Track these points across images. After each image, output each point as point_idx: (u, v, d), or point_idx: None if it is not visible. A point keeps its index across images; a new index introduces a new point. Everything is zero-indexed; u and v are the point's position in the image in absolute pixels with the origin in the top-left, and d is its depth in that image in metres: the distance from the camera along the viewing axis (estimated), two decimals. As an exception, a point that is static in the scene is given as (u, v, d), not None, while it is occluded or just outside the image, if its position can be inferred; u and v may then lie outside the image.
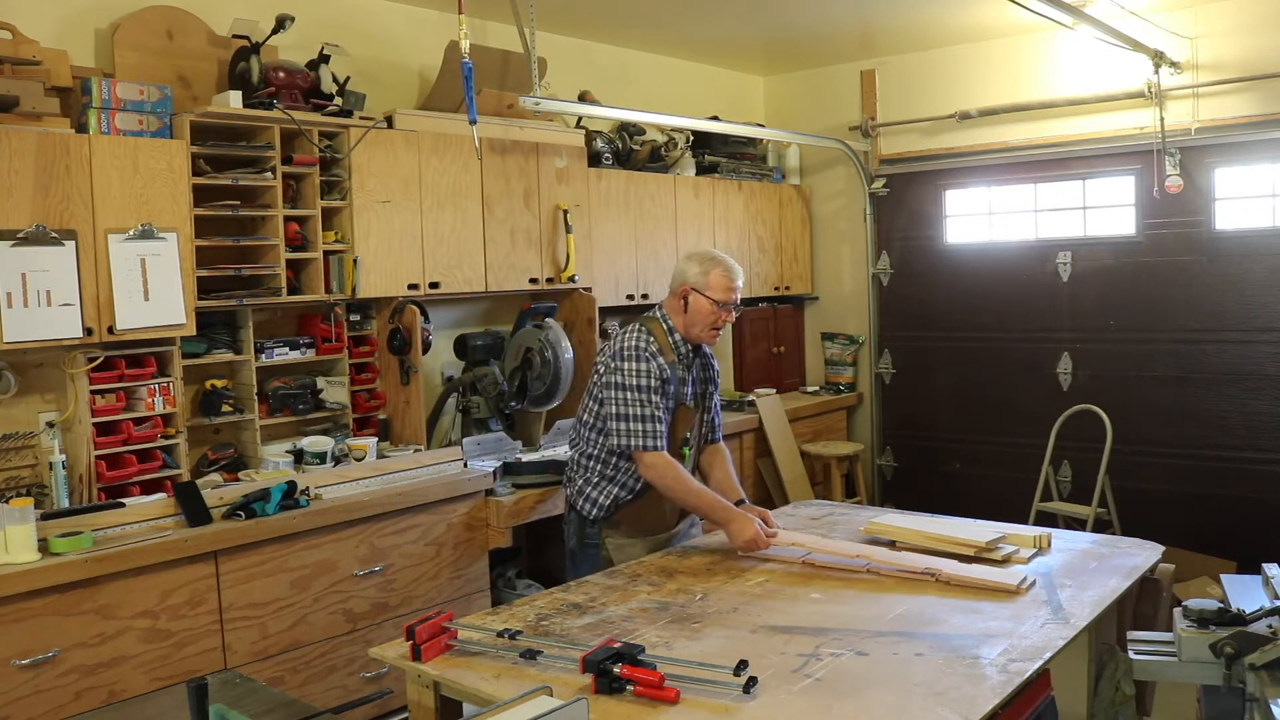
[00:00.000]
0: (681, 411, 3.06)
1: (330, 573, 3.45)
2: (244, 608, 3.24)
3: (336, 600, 3.47)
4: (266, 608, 3.29)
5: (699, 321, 3.03)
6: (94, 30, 3.61)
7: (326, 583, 3.44)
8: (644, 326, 3.04)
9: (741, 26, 5.31)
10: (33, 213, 3.09)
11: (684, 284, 3.03)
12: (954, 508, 4.10)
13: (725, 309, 3.03)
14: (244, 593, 3.23)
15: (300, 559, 3.36)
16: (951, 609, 2.47)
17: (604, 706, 1.96)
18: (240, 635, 3.22)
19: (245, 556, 3.23)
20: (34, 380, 3.29)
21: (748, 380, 5.93)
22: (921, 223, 6.08)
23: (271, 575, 3.30)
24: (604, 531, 3.05)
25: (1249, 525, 4.98)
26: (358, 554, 3.52)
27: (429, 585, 3.72)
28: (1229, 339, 5.06)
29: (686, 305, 3.03)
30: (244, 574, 3.23)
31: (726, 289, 3.01)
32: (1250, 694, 2.20)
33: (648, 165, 5.32)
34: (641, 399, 2.92)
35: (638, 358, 2.95)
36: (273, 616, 3.31)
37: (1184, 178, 5.07)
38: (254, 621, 3.26)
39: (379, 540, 3.57)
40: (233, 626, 3.20)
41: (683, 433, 3.09)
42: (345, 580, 3.49)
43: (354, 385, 4.09)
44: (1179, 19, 5.02)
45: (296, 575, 3.36)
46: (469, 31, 3.48)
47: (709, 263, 3.04)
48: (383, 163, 3.96)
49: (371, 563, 3.55)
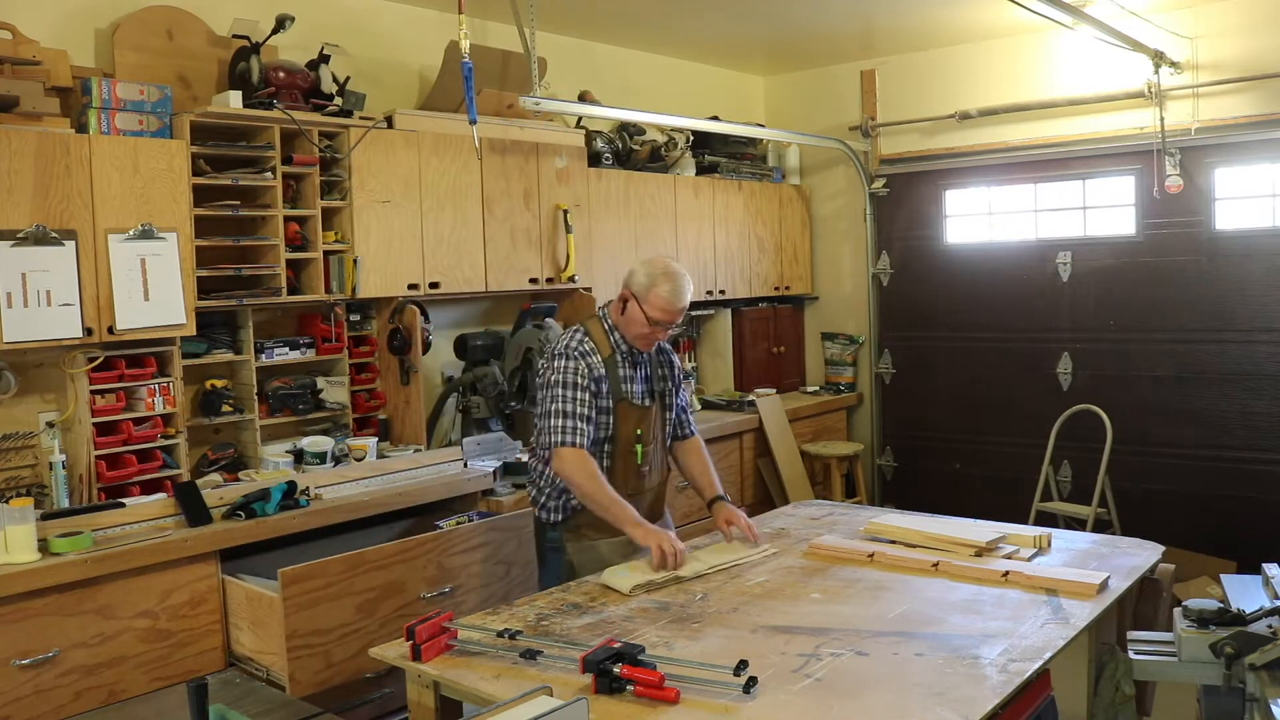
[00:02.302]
0: (625, 409, 2.99)
1: (400, 594, 3.19)
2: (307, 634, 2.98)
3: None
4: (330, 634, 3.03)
5: (631, 329, 2.98)
6: (94, 30, 3.61)
7: (394, 604, 3.17)
8: (583, 326, 3.03)
9: (741, 26, 5.31)
10: (33, 213, 3.09)
11: (627, 287, 2.98)
12: (954, 508, 4.10)
13: (659, 327, 2.96)
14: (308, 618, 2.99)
15: (367, 581, 3.10)
16: (951, 609, 2.47)
17: (604, 706, 1.96)
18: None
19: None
20: (34, 380, 3.29)
21: (748, 380, 5.93)
22: (921, 223, 6.08)
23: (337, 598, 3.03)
24: (565, 535, 3.01)
25: (1249, 525, 4.98)
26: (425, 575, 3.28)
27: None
28: (1229, 339, 5.06)
29: (625, 309, 2.99)
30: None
31: (664, 310, 2.93)
32: (1250, 694, 2.20)
33: (648, 165, 5.32)
34: (565, 395, 2.87)
35: (567, 356, 2.92)
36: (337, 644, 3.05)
37: (1184, 178, 5.07)
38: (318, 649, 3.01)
39: (448, 560, 3.34)
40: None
41: (631, 430, 3.01)
42: (413, 603, 3.22)
43: (354, 385, 4.09)
44: (1179, 19, 5.01)
45: (363, 600, 3.09)
46: (469, 31, 3.49)
47: (658, 278, 2.94)
48: (383, 163, 3.96)
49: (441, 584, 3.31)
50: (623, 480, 3.00)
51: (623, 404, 3.00)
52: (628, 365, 3.03)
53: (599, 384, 2.94)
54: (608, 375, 2.97)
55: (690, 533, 3.43)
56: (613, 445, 2.99)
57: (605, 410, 2.96)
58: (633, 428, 3.02)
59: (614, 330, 3.02)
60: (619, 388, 2.99)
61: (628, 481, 3.02)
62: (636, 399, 3.04)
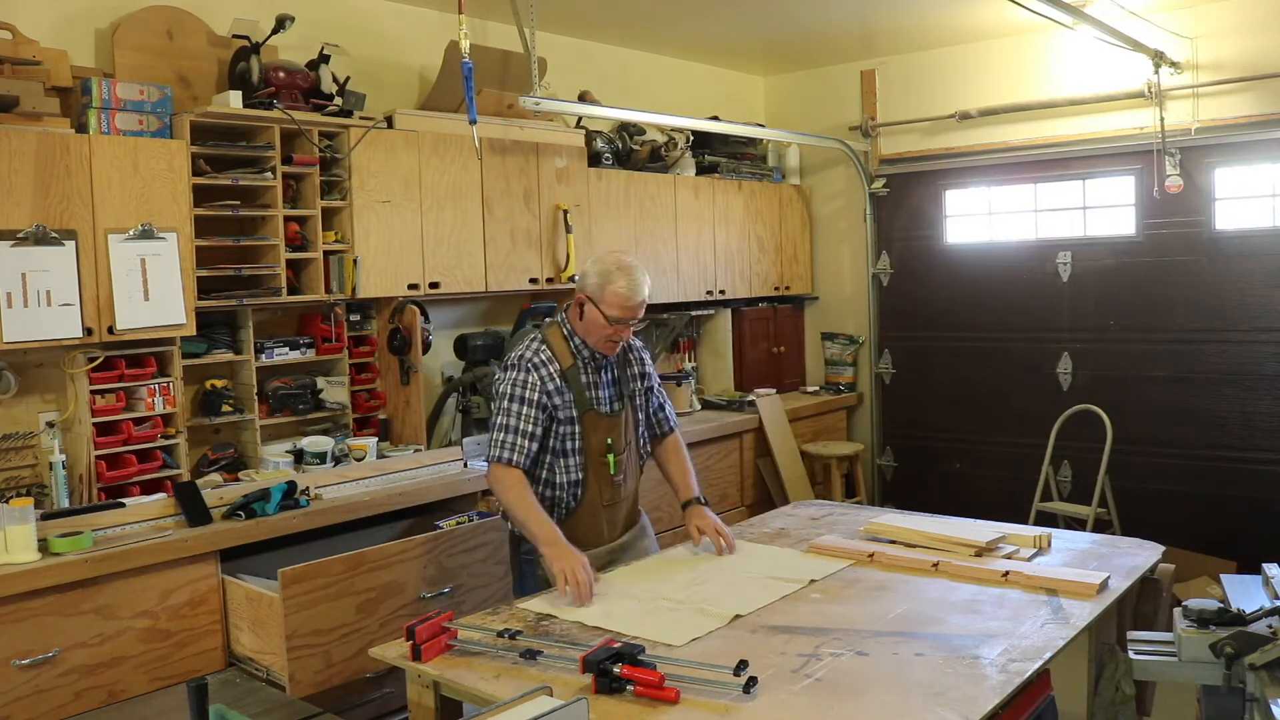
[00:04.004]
0: (592, 419, 2.87)
1: (399, 594, 3.20)
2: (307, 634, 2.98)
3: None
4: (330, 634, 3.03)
5: (592, 334, 2.86)
6: (94, 30, 3.61)
7: (394, 604, 3.18)
8: (541, 335, 2.92)
9: (741, 26, 5.31)
10: (33, 213, 3.09)
11: (581, 291, 2.86)
12: (954, 508, 4.10)
13: (620, 325, 2.83)
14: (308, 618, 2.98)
15: (367, 581, 3.10)
16: (951, 609, 2.47)
17: (604, 706, 1.96)
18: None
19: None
20: (34, 380, 3.29)
21: (748, 380, 5.93)
22: (921, 223, 6.08)
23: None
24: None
25: (1249, 525, 4.98)
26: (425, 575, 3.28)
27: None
28: (1229, 339, 5.06)
29: (582, 313, 2.86)
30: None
31: (622, 307, 2.80)
32: (1250, 694, 2.20)
33: (648, 165, 5.32)
34: (511, 409, 2.78)
35: (519, 367, 2.83)
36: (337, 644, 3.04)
37: (1184, 178, 5.07)
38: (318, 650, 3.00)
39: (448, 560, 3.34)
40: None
41: (602, 440, 2.89)
42: (412, 603, 3.22)
43: (354, 385, 4.08)
44: (1179, 19, 5.01)
45: (363, 600, 3.10)
46: (469, 31, 3.49)
47: (611, 274, 2.80)
48: (383, 163, 3.96)
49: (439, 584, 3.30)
50: (597, 493, 2.91)
51: (590, 414, 2.87)
52: (591, 372, 2.91)
53: (554, 396, 2.82)
54: (569, 386, 2.85)
55: (690, 533, 3.41)
56: (583, 457, 2.87)
57: (570, 421, 2.85)
58: (603, 437, 2.89)
59: (573, 336, 2.90)
60: (583, 397, 2.86)
61: (602, 493, 2.92)
62: (604, 407, 2.91)
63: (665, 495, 4.86)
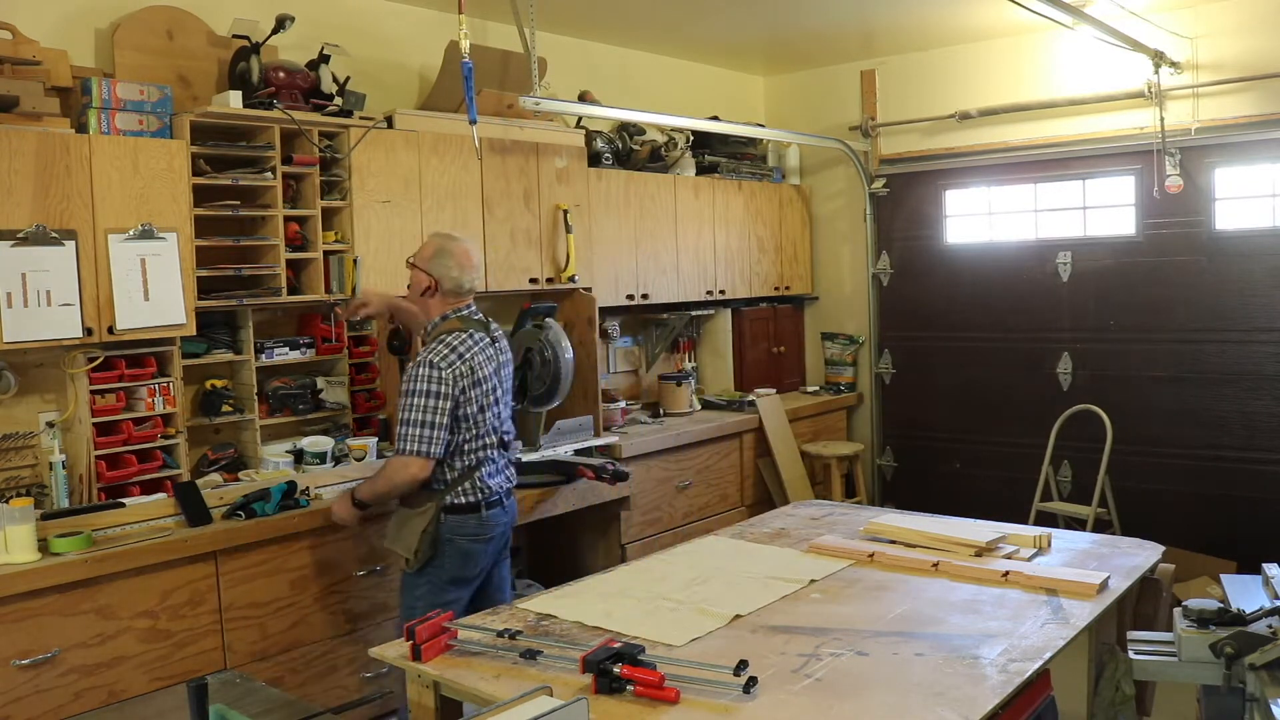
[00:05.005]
0: None
1: (331, 572, 3.46)
2: (244, 607, 3.24)
3: (336, 601, 3.47)
4: (266, 607, 3.29)
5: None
6: (94, 30, 3.61)
7: (326, 583, 3.45)
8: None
9: (741, 26, 5.31)
10: (33, 213, 3.09)
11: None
12: (954, 508, 4.10)
13: None
14: (245, 593, 3.23)
15: (300, 559, 3.37)
16: (951, 609, 2.47)
17: (604, 706, 1.96)
18: (240, 635, 3.23)
19: (246, 556, 3.23)
20: (34, 380, 3.28)
21: (748, 380, 5.93)
22: (921, 223, 6.08)
23: (272, 575, 3.30)
24: None
25: (1249, 525, 4.98)
26: (358, 554, 3.52)
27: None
28: (1229, 339, 5.06)
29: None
30: (244, 574, 3.23)
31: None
32: (1250, 694, 2.20)
33: (648, 165, 5.32)
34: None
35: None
36: (273, 616, 3.31)
37: (1184, 178, 5.07)
38: (254, 621, 3.26)
39: (379, 542, 3.56)
40: (233, 626, 3.21)
41: None
42: (346, 580, 3.49)
43: (354, 385, 4.08)
44: (1179, 19, 5.02)
45: (296, 575, 3.37)
46: (469, 31, 3.49)
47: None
48: (383, 163, 3.96)
49: (371, 563, 3.55)
50: None
51: None
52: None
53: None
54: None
55: (690, 533, 3.43)
56: None
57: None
58: None
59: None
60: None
61: None
62: None
63: (665, 495, 4.88)
